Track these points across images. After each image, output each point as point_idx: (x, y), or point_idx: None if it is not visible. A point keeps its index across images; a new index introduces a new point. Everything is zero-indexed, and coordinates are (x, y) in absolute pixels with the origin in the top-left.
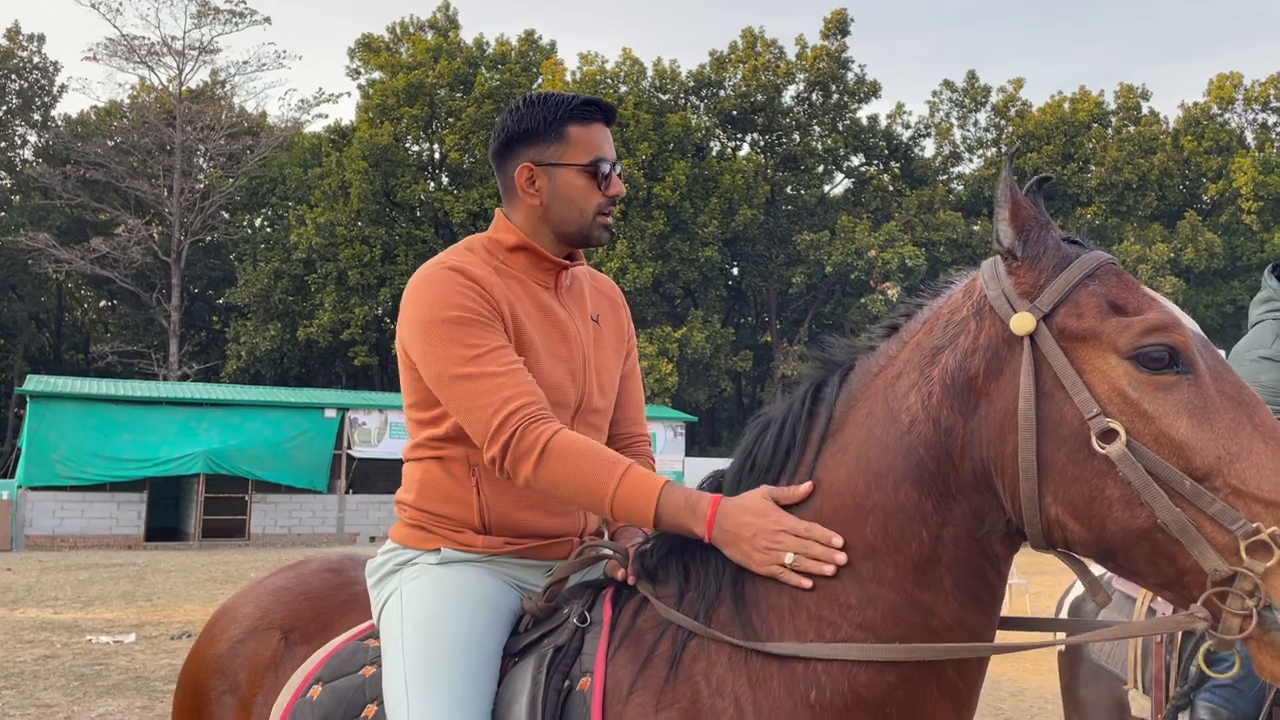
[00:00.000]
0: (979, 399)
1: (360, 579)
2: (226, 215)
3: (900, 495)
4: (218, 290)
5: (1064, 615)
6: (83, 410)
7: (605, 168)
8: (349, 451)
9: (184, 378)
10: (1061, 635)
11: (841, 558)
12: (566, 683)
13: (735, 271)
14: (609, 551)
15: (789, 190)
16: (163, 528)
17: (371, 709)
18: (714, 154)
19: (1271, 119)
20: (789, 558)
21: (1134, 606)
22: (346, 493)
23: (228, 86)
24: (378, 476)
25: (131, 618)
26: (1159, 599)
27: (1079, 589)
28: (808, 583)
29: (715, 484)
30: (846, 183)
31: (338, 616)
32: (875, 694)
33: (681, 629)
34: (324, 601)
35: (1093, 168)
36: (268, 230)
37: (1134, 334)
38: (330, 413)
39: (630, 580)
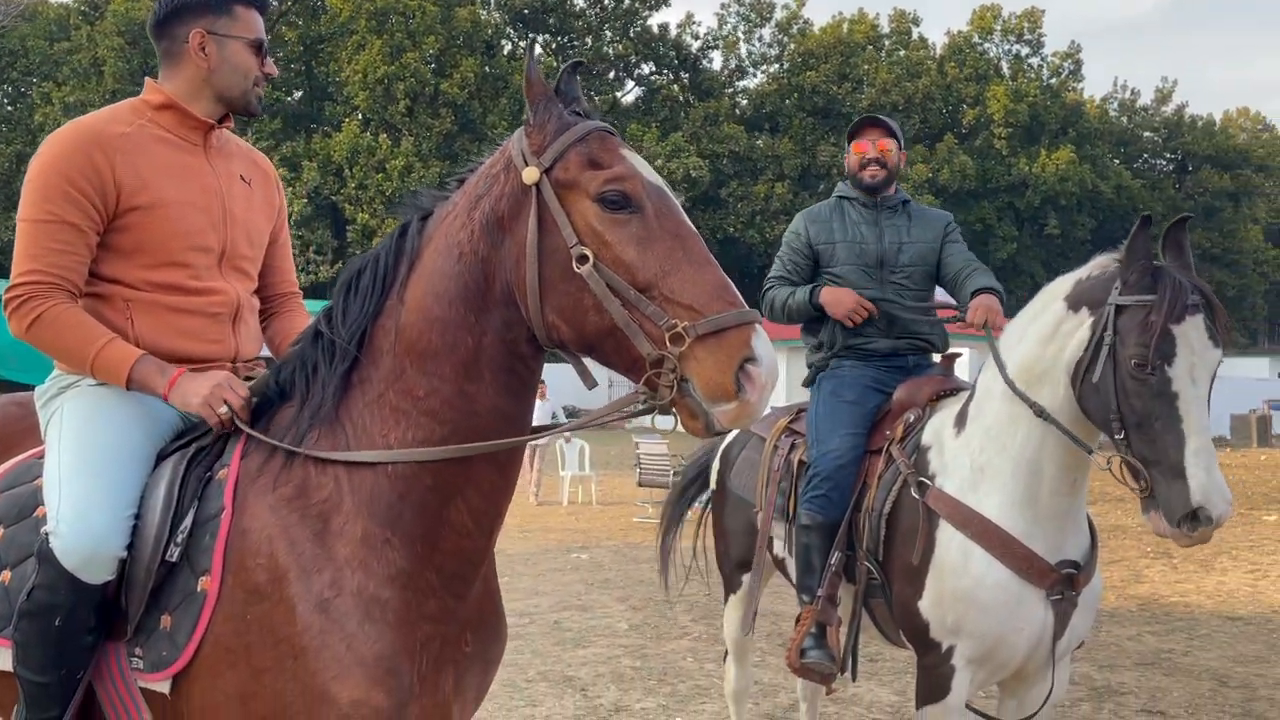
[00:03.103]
0: (504, 235)
1: None
2: None
3: (453, 310)
4: None
5: (717, 463)
6: None
7: (265, 46)
8: None
9: None
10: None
11: (224, 414)
12: (208, 474)
13: None
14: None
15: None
16: None
17: (42, 510)
18: (505, 53)
19: (1024, 50)
20: (223, 408)
21: (762, 443)
22: None
23: None
24: None
25: None
26: (783, 440)
27: (729, 437)
28: (224, 419)
29: (326, 311)
30: (637, 91)
31: (18, 441)
32: (435, 463)
33: (299, 429)
34: (7, 429)
35: (866, 88)
36: (8, 109)
37: (599, 182)
38: None
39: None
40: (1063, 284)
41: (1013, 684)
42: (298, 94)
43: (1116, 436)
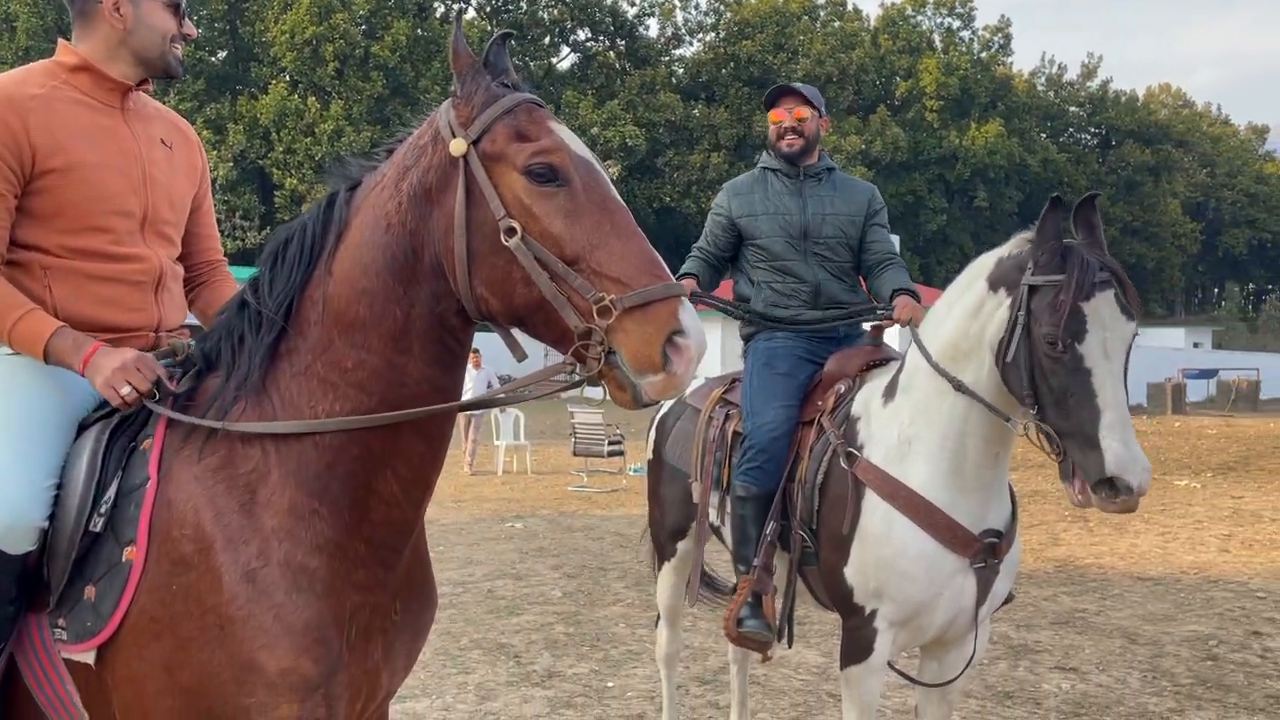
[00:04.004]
0: (433, 207)
1: None
2: None
3: (381, 282)
4: None
5: (653, 433)
6: None
7: (183, 7)
8: None
9: None
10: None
11: (128, 395)
12: (132, 444)
13: None
14: (180, 345)
15: (515, 60)
16: None
17: None
18: (437, 16)
19: (956, 24)
20: (125, 389)
21: (697, 414)
22: None
23: None
24: None
25: None
26: (717, 411)
27: (665, 407)
28: (128, 400)
29: (253, 281)
30: (573, 57)
31: None
32: (363, 433)
33: (224, 400)
34: None
35: (800, 59)
36: None
37: (526, 155)
38: None
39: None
40: (986, 261)
41: (935, 648)
42: (222, 54)
43: (1032, 411)
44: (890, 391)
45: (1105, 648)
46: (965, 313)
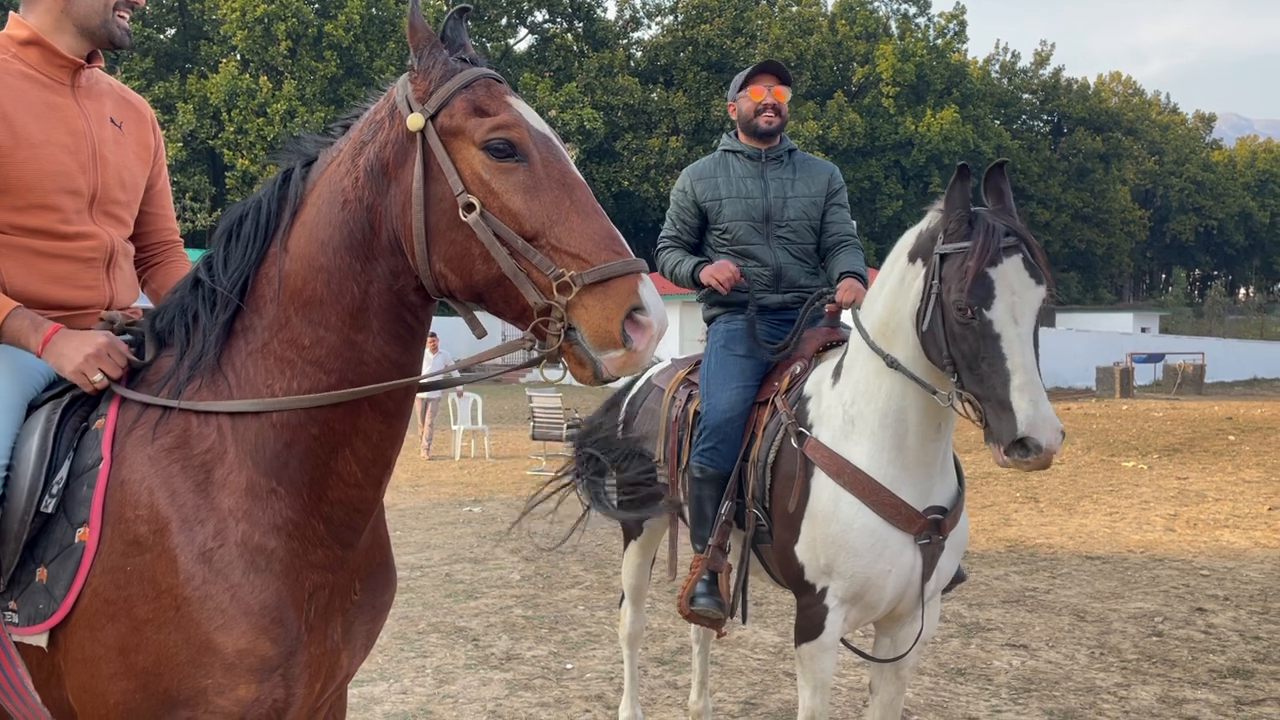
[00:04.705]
0: (390, 182)
1: None
2: None
3: (338, 258)
4: None
5: (624, 409)
6: None
7: None
8: None
9: None
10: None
11: (100, 382)
12: (84, 424)
13: None
14: (115, 316)
15: (472, 40)
16: None
17: None
18: None
19: (912, 10)
20: (97, 376)
21: (662, 394)
22: None
23: None
24: None
25: None
26: (680, 391)
27: (634, 388)
28: (99, 386)
29: (206, 259)
30: (530, 39)
31: None
32: (321, 412)
33: (178, 379)
34: None
35: (758, 44)
36: None
37: (484, 130)
38: None
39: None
40: (908, 238)
41: (886, 624)
42: (170, 31)
43: (951, 379)
44: (838, 372)
45: (1054, 625)
46: (892, 290)
